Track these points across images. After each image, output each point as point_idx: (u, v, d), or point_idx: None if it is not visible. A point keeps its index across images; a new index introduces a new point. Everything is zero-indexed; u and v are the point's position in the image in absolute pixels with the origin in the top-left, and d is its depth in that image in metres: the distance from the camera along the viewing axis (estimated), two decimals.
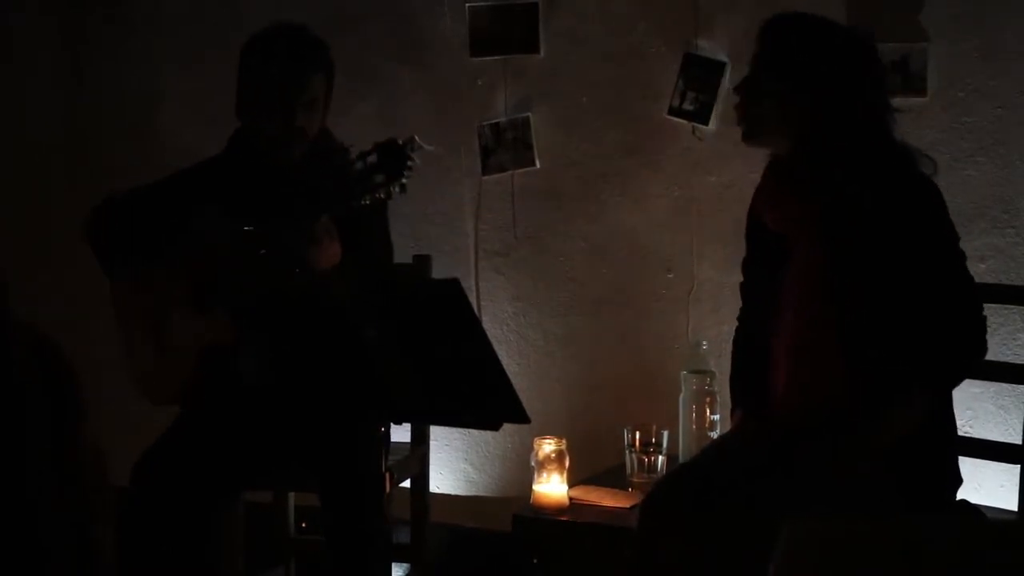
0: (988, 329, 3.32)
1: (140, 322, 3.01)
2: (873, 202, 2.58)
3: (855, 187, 2.59)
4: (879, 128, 2.65)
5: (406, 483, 3.48)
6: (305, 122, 2.96)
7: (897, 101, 3.39)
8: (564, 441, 3.27)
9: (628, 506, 3.14)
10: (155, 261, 2.97)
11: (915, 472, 2.56)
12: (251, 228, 2.82)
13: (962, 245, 3.35)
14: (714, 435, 3.27)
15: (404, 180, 2.59)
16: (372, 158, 2.60)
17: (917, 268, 2.57)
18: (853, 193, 2.59)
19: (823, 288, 2.62)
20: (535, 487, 3.20)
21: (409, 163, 2.58)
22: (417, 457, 3.51)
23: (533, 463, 3.23)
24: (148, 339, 2.99)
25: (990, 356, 3.27)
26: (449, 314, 2.32)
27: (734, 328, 2.91)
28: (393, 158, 2.59)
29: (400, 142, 2.59)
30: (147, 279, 2.99)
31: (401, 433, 3.50)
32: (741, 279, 2.93)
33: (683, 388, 3.35)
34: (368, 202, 2.62)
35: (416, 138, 2.61)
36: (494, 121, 3.84)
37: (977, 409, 3.35)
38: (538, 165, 3.81)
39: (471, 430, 3.89)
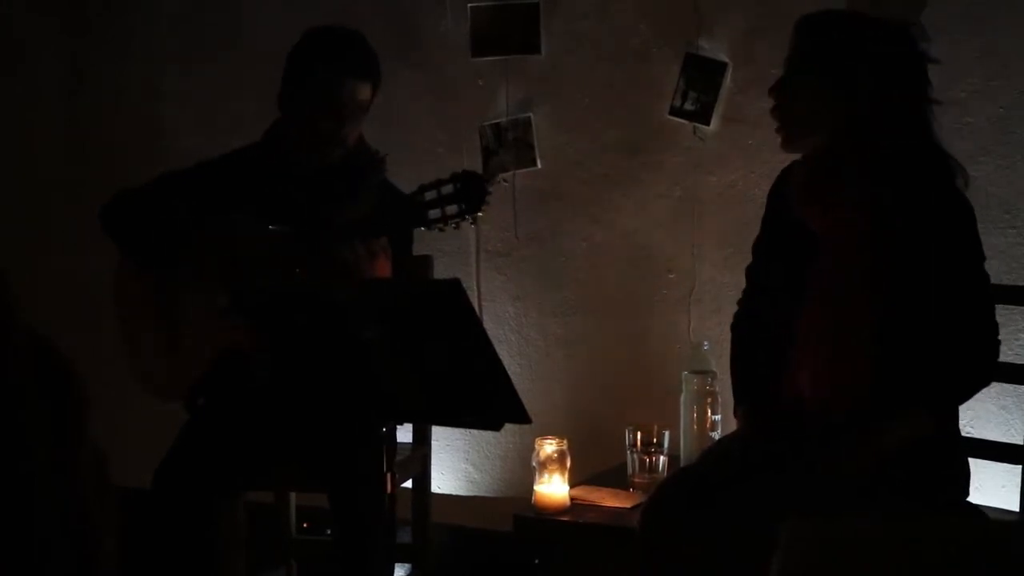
0: None
1: (151, 317, 2.98)
2: (909, 210, 2.56)
3: (892, 190, 2.57)
4: (918, 127, 2.61)
5: (408, 483, 3.48)
6: (350, 129, 2.98)
7: None
8: (565, 441, 3.26)
9: (629, 506, 3.14)
10: (176, 254, 2.95)
11: (916, 470, 2.55)
12: (287, 232, 2.84)
13: None
14: (715, 435, 3.27)
15: (480, 213, 2.60)
16: (448, 188, 2.61)
17: (942, 284, 2.56)
18: (890, 197, 2.57)
19: (860, 290, 2.60)
20: (536, 487, 3.20)
21: (487, 197, 2.59)
22: (419, 457, 3.50)
23: (534, 463, 3.22)
24: (159, 335, 2.97)
25: None
26: (450, 314, 2.32)
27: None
28: (473, 190, 2.60)
29: (481, 175, 2.60)
30: (165, 272, 2.96)
31: (403, 433, 3.48)
32: (749, 261, 2.86)
33: (684, 388, 3.35)
34: (440, 229, 2.65)
35: (500, 175, 2.62)
36: (495, 121, 3.84)
37: (978, 409, 3.35)
38: (539, 165, 3.81)
39: (472, 430, 3.89)
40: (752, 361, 2.80)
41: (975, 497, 2.75)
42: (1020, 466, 2.89)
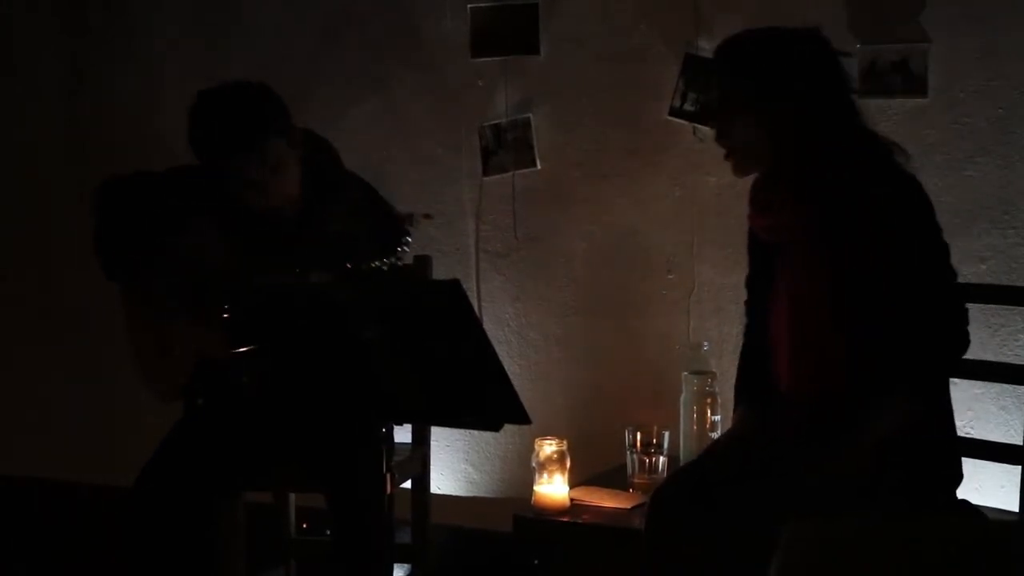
0: (988, 330, 3.35)
1: (143, 322, 3.00)
2: (860, 200, 2.58)
3: (841, 187, 2.59)
4: (853, 123, 2.65)
5: (407, 484, 3.48)
6: (282, 184, 2.88)
7: (898, 102, 3.43)
8: (565, 442, 3.26)
9: (629, 507, 3.14)
10: (156, 261, 2.96)
11: (915, 470, 2.55)
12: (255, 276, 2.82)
13: (962, 245, 3.36)
14: (715, 435, 3.27)
15: (399, 257, 2.55)
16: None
17: (903, 264, 2.56)
18: (840, 193, 2.59)
19: (818, 289, 2.62)
20: (536, 488, 3.20)
21: (407, 239, 2.54)
22: (418, 458, 3.51)
23: (534, 464, 3.22)
24: (151, 339, 2.99)
25: (991, 357, 3.29)
26: (450, 315, 2.32)
27: (735, 329, 2.91)
28: (390, 234, 2.54)
29: (400, 216, 2.55)
30: (149, 281, 2.98)
31: (402, 434, 3.49)
32: (746, 294, 2.91)
33: (684, 389, 3.35)
34: (362, 270, 2.58)
35: (414, 214, 2.57)
36: (495, 122, 3.84)
37: (978, 410, 3.35)
38: (539, 166, 3.81)
39: (472, 431, 3.89)
40: (747, 371, 2.85)
41: (975, 497, 2.75)
42: (1019, 466, 2.89)
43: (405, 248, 2.55)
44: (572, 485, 3.25)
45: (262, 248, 2.86)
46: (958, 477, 2.64)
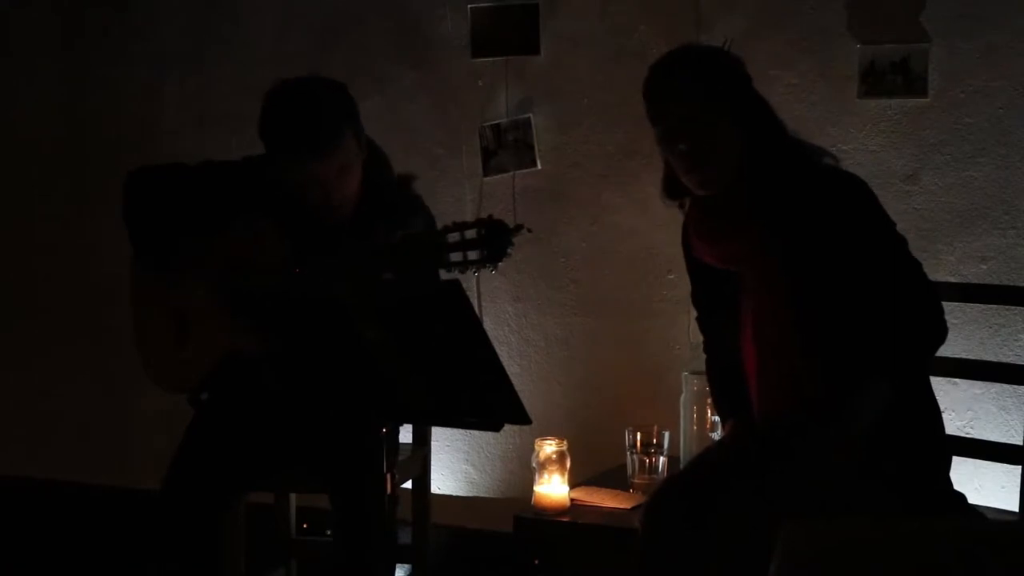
0: (988, 330, 3.35)
1: (162, 311, 2.97)
2: (815, 212, 2.56)
3: (793, 202, 2.58)
4: (786, 136, 2.64)
5: (408, 484, 3.48)
6: (345, 184, 2.87)
7: (898, 102, 3.43)
8: (565, 442, 3.26)
9: (629, 507, 3.14)
10: (189, 252, 2.94)
11: (908, 467, 2.55)
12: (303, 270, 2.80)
13: (962, 245, 3.37)
14: (715, 436, 3.27)
15: (501, 263, 2.52)
16: (471, 233, 2.52)
17: (865, 263, 2.55)
18: (792, 208, 2.58)
19: (787, 310, 2.60)
20: (536, 488, 3.20)
21: (510, 249, 2.52)
22: (419, 458, 3.51)
23: (534, 464, 3.23)
24: (169, 330, 2.96)
25: (991, 357, 3.30)
26: (450, 315, 2.32)
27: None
28: (497, 240, 2.50)
29: (508, 225, 2.52)
30: (178, 270, 2.96)
31: (403, 434, 3.50)
32: (695, 311, 2.90)
33: (684, 389, 3.35)
34: (460, 272, 2.53)
35: (524, 225, 2.54)
36: (495, 122, 3.84)
37: (978, 410, 3.35)
38: (539, 166, 3.81)
39: (472, 431, 3.89)
40: (724, 388, 2.83)
41: (975, 497, 2.75)
42: (1020, 467, 2.89)
43: (508, 253, 2.53)
44: (572, 485, 3.25)
45: (311, 247, 2.84)
46: (948, 464, 2.64)
